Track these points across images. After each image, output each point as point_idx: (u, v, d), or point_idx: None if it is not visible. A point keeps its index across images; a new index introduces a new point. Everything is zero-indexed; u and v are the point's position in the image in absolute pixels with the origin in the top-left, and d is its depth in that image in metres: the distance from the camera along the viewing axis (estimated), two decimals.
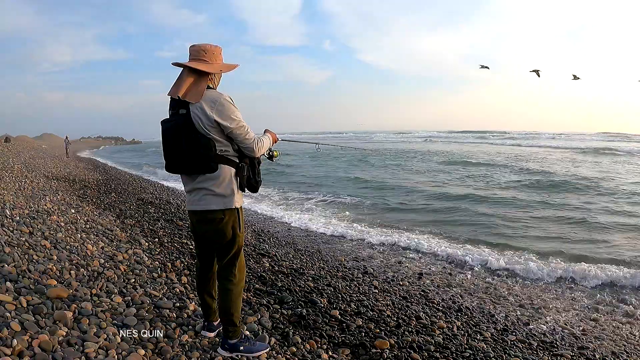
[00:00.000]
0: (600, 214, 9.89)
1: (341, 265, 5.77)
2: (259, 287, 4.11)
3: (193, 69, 2.33)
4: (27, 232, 4.33)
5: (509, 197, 12.32)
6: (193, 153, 2.31)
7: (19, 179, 9.41)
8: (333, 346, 3.10)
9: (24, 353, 2.09)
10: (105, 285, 3.25)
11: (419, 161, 25.20)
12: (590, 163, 22.30)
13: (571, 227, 8.91)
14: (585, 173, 17.18)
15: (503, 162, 22.56)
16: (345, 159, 26.08)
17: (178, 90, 2.30)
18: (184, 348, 2.60)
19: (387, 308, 4.02)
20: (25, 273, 3.09)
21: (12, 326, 2.25)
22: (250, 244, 6.08)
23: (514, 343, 3.63)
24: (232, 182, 2.39)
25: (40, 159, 19.45)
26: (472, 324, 3.96)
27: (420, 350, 3.20)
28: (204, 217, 2.43)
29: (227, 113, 2.30)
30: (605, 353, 3.65)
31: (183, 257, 4.71)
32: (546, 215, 10.05)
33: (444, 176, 17.87)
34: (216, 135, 2.32)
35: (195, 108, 2.29)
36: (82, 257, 3.91)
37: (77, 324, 2.53)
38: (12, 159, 15.00)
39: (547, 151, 31.33)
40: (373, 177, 17.70)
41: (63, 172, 14.65)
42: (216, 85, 2.47)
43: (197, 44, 2.38)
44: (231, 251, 2.49)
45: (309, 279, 4.64)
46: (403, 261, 6.37)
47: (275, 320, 3.34)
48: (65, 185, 10.71)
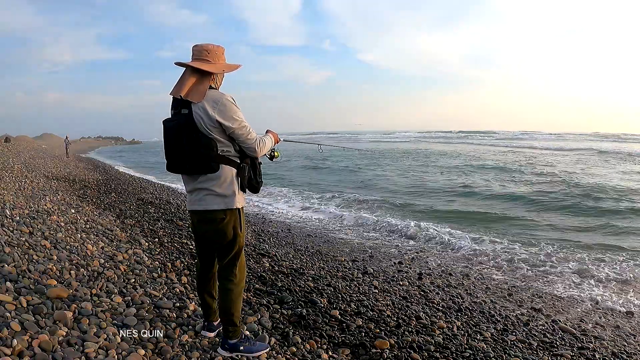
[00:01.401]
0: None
1: (341, 265, 5.76)
2: (259, 287, 4.11)
3: (196, 69, 2.33)
4: (27, 232, 4.33)
5: (519, 195, 12.35)
6: (194, 153, 2.31)
7: (19, 179, 9.40)
8: (333, 346, 3.10)
9: (24, 353, 2.09)
10: (105, 285, 3.25)
11: (415, 161, 25.21)
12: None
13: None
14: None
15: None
16: (351, 160, 26.11)
17: (180, 89, 2.30)
18: (184, 348, 2.60)
19: (387, 308, 4.02)
20: (25, 273, 3.09)
21: (12, 326, 2.25)
22: (250, 244, 6.08)
23: (514, 343, 3.63)
24: (234, 182, 2.39)
25: (40, 159, 19.45)
26: (472, 324, 3.96)
27: (420, 350, 3.20)
28: (204, 217, 2.43)
29: (229, 113, 2.30)
30: (606, 353, 3.65)
31: (183, 257, 4.71)
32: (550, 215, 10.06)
33: (459, 177, 17.86)
34: (218, 135, 2.32)
35: (197, 108, 2.29)
36: (82, 257, 3.91)
37: (77, 324, 2.52)
38: (12, 159, 15.00)
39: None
40: (377, 177, 17.71)
41: (63, 172, 14.65)
42: (219, 86, 2.47)
43: (200, 44, 2.38)
44: (232, 251, 2.49)
45: (309, 279, 4.63)
46: (403, 261, 6.37)
47: (275, 320, 3.34)
48: (65, 185, 10.71)
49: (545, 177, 16.67)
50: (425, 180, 16.90)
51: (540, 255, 6.82)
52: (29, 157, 18.73)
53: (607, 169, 19.75)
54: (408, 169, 21.34)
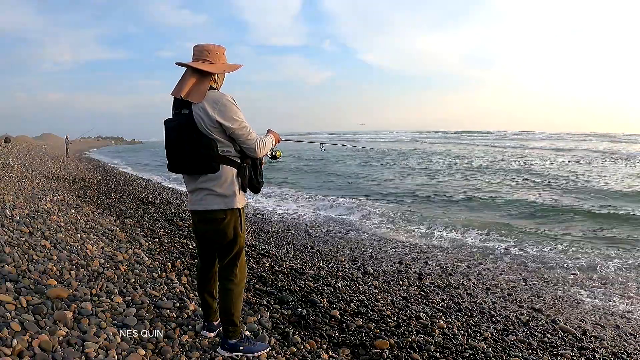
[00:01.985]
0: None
1: (341, 265, 5.76)
2: (259, 287, 4.11)
3: (196, 69, 2.34)
4: (27, 232, 4.33)
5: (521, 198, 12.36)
6: (195, 153, 2.32)
7: (19, 179, 9.40)
8: (333, 346, 3.10)
9: (24, 353, 2.09)
10: (105, 285, 3.25)
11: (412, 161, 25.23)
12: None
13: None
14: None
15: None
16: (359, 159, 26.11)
17: (181, 90, 2.31)
18: (184, 348, 2.60)
19: (387, 308, 4.02)
20: (25, 273, 3.09)
21: (12, 326, 2.25)
22: (250, 244, 6.08)
23: (514, 343, 3.63)
24: (234, 182, 2.39)
25: (40, 159, 19.44)
26: (472, 324, 3.96)
27: (420, 350, 3.20)
28: (205, 217, 2.44)
29: (229, 113, 2.30)
30: (606, 353, 3.65)
31: (183, 257, 4.71)
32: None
33: (466, 179, 17.86)
34: (218, 135, 2.32)
35: (198, 108, 2.29)
36: (82, 257, 3.91)
37: (77, 324, 2.53)
38: (12, 159, 14.99)
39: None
40: (377, 177, 17.71)
41: (63, 172, 14.65)
42: (220, 86, 2.47)
43: (200, 44, 2.38)
44: (232, 251, 2.49)
45: (309, 279, 4.63)
46: (403, 261, 6.37)
47: (275, 320, 3.34)
48: (65, 185, 10.71)
49: (545, 177, 16.69)
50: (425, 180, 16.91)
51: (540, 255, 6.82)
52: (29, 157, 18.73)
53: (608, 170, 19.75)
54: (408, 169, 21.34)
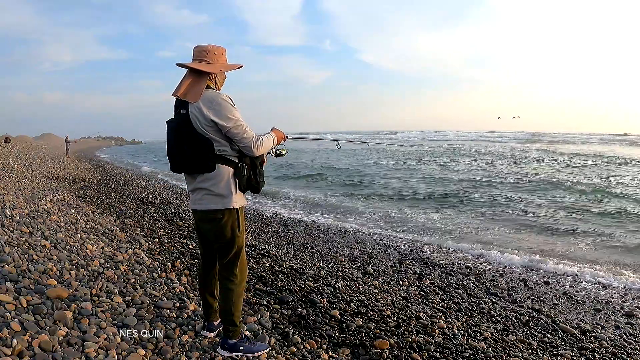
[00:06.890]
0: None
1: (341, 265, 5.76)
2: (259, 287, 4.11)
3: (194, 70, 2.35)
4: (27, 232, 4.33)
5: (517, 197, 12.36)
6: (192, 152, 2.33)
7: (19, 179, 9.40)
8: (333, 346, 3.10)
9: (24, 353, 2.09)
10: (105, 285, 3.25)
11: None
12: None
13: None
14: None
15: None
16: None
17: (179, 90, 2.34)
18: (184, 348, 2.60)
19: (387, 308, 4.02)
20: (25, 273, 3.09)
21: (12, 326, 2.25)
22: (250, 244, 6.08)
23: (514, 343, 3.63)
24: (230, 182, 2.39)
25: (40, 159, 19.43)
26: (472, 324, 3.96)
27: (420, 350, 3.20)
28: (204, 217, 2.45)
29: (223, 112, 2.30)
30: (606, 353, 3.65)
31: (183, 257, 4.71)
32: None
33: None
34: (214, 134, 2.32)
35: (193, 108, 2.31)
36: (82, 257, 3.91)
37: (77, 324, 2.53)
38: (12, 159, 14.99)
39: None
40: (376, 177, 17.71)
41: (63, 172, 14.65)
42: (219, 86, 2.48)
43: (200, 45, 2.40)
44: (231, 251, 2.49)
45: (309, 279, 4.63)
46: (403, 261, 6.36)
47: (275, 320, 3.34)
48: (65, 185, 10.71)
49: (545, 178, 16.68)
50: (426, 180, 16.91)
51: (539, 255, 6.81)
52: (29, 157, 18.72)
53: (607, 171, 19.74)
54: (408, 169, 21.33)
